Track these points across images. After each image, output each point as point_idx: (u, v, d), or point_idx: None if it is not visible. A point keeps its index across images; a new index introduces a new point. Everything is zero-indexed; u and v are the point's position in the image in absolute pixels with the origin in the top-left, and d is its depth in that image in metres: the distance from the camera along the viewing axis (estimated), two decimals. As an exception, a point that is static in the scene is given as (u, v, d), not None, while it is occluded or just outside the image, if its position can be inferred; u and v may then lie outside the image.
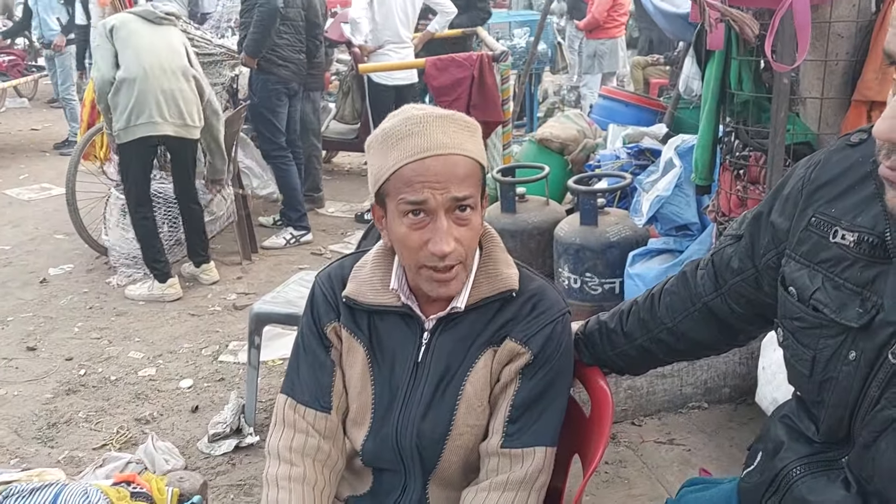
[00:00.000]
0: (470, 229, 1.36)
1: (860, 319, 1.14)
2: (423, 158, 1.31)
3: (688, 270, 1.54)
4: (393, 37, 5.67)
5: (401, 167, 1.31)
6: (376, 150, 1.37)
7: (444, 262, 1.34)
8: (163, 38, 4.37)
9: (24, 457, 3.04)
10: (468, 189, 1.33)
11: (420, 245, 1.33)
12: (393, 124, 1.35)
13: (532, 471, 1.42)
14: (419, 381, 1.46)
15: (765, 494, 1.30)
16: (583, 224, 3.54)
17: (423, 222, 1.33)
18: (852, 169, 1.21)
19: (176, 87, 4.35)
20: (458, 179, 1.31)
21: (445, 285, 1.37)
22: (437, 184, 1.30)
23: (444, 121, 1.35)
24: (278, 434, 1.51)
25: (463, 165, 1.33)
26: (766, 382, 2.64)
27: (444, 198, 1.31)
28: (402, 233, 1.35)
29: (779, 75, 2.60)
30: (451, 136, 1.33)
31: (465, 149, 1.34)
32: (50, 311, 4.47)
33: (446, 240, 1.31)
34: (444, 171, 1.31)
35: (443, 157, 1.31)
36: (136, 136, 4.30)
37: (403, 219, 1.34)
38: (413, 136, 1.32)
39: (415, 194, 1.31)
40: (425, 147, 1.31)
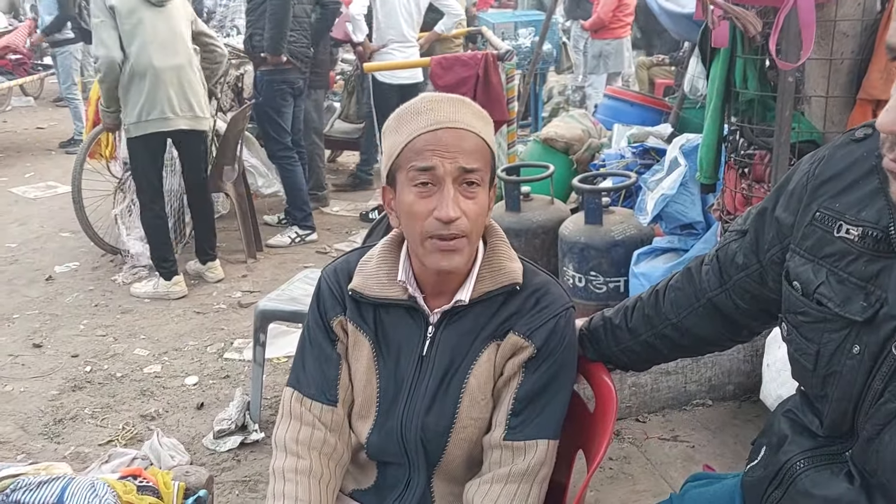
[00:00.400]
0: (476, 204, 1.37)
1: (864, 313, 1.15)
2: (435, 130, 1.35)
3: (692, 266, 1.54)
4: (397, 36, 5.68)
5: (413, 138, 1.36)
6: (391, 129, 1.41)
7: (448, 230, 1.35)
8: (167, 23, 4.32)
9: (31, 452, 3.05)
10: (476, 163, 1.36)
11: (426, 213, 1.35)
12: (408, 104, 1.41)
13: (535, 463, 1.42)
14: (424, 375, 1.47)
15: (768, 488, 1.31)
16: (587, 223, 3.55)
17: (430, 192, 1.35)
18: (857, 164, 1.22)
19: (185, 79, 4.38)
20: (467, 152, 1.35)
21: (449, 257, 1.37)
22: (447, 153, 1.34)
23: (458, 102, 1.40)
24: (285, 426, 1.52)
25: (473, 141, 1.37)
26: (770, 380, 2.65)
27: (452, 166, 1.34)
28: (409, 202, 1.37)
29: (784, 74, 2.60)
30: (463, 114, 1.38)
31: (476, 127, 1.38)
32: (56, 308, 4.49)
33: (452, 206, 1.34)
34: (455, 142, 1.35)
35: (454, 130, 1.35)
36: (149, 131, 4.32)
37: (412, 187, 1.36)
38: (427, 111, 1.37)
39: (424, 161, 1.34)
40: (438, 120, 1.36)
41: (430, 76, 4.37)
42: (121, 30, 4.20)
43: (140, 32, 4.24)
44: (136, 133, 4.32)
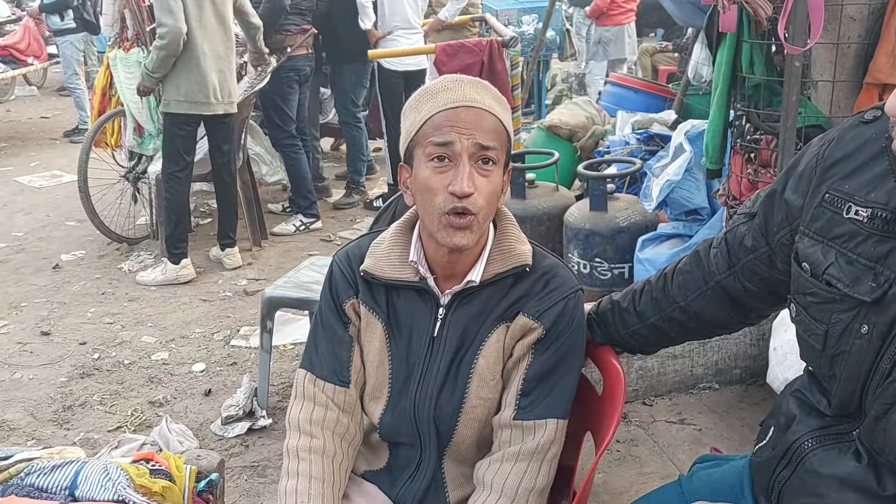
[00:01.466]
0: (490, 182, 1.39)
1: (873, 293, 1.16)
2: (455, 108, 1.38)
3: (701, 249, 1.55)
4: (402, 22, 5.67)
5: (433, 115, 1.38)
6: (412, 108, 1.44)
7: (462, 203, 1.36)
8: (221, 8, 4.44)
9: (41, 438, 3.08)
10: (493, 141, 1.39)
11: (442, 187, 1.37)
12: (430, 84, 1.46)
13: (544, 442, 1.44)
14: (436, 356, 1.49)
15: (777, 468, 1.32)
16: (592, 210, 3.55)
17: (447, 167, 1.38)
18: (866, 146, 1.22)
19: (228, 65, 4.50)
20: (484, 130, 1.38)
21: (461, 234, 1.39)
22: (465, 129, 1.36)
23: (479, 84, 1.44)
24: (298, 407, 1.54)
25: (491, 121, 1.39)
26: (777, 363, 2.66)
27: (469, 142, 1.36)
28: (425, 177, 1.39)
29: (790, 58, 2.60)
30: (483, 95, 1.41)
31: (494, 109, 1.41)
32: (63, 296, 4.51)
33: (468, 181, 1.36)
34: (473, 120, 1.37)
35: (473, 109, 1.38)
36: (192, 112, 4.42)
37: (429, 163, 1.39)
38: (447, 90, 1.40)
39: (442, 136, 1.37)
40: (457, 98, 1.39)
41: (435, 63, 4.36)
42: (185, 6, 4.25)
43: (199, 13, 4.32)
44: (177, 111, 4.41)
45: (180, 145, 4.51)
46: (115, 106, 5.11)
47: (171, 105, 4.41)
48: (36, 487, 1.73)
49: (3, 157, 7.83)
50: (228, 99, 4.54)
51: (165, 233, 4.66)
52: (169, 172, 4.55)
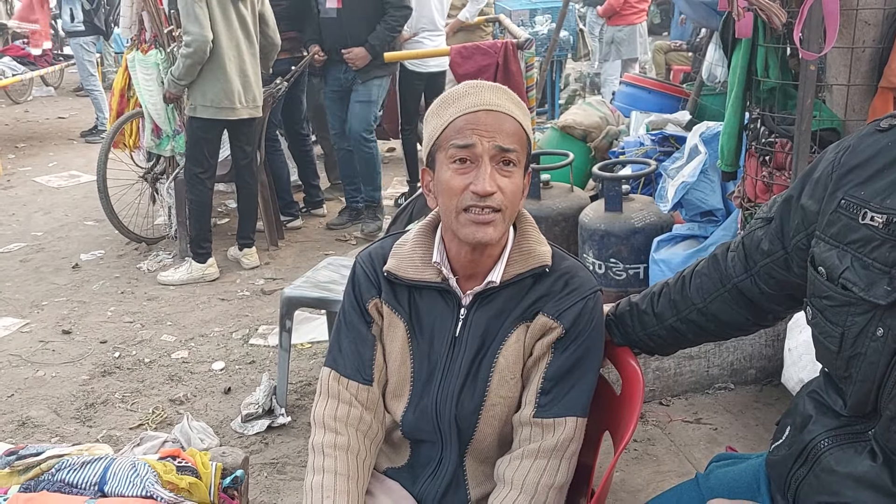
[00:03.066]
0: (511, 182, 1.43)
1: (888, 297, 1.18)
2: (476, 111, 1.42)
3: (718, 253, 1.58)
4: (428, 24, 5.70)
5: (455, 119, 1.43)
6: (433, 114, 1.48)
7: (484, 202, 1.40)
8: (246, 14, 4.50)
9: (64, 436, 3.13)
10: (514, 143, 1.42)
11: (463, 187, 1.41)
12: (451, 90, 1.49)
13: (563, 439, 1.47)
14: (457, 355, 1.52)
15: (793, 466, 1.35)
16: (607, 210, 3.58)
17: (469, 169, 1.42)
18: (881, 153, 1.25)
19: (252, 70, 4.56)
20: (505, 133, 1.42)
21: (483, 228, 1.43)
22: (486, 132, 1.41)
23: (499, 89, 1.48)
24: (323, 404, 1.58)
25: (511, 124, 1.44)
26: (792, 363, 2.68)
27: (490, 144, 1.40)
28: (447, 178, 1.43)
29: (805, 62, 2.62)
30: (503, 100, 1.46)
31: (515, 113, 1.45)
32: (83, 295, 4.57)
33: (489, 181, 1.40)
34: (494, 123, 1.42)
35: (494, 113, 1.43)
36: (218, 117, 4.48)
37: (451, 164, 1.43)
38: (469, 95, 1.45)
39: (464, 139, 1.41)
40: (478, 103, 1.43)
41: (450, 65, 4.38)
42: (211, 13, 4.30)
43: (226, 20, 4.38)
44: (203, 115, 4.47)
45: (205, 148, 4.57)
46: (133, 107, 5.16)
47: (197, 110, 4.46)
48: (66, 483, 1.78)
49: (22, 158, 7.91)
50: (254, 103, 4.60)
51: (191, 233, 4.71)
52: (193, 174, 4.61)
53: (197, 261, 4.68)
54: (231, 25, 4.42)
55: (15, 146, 8.35)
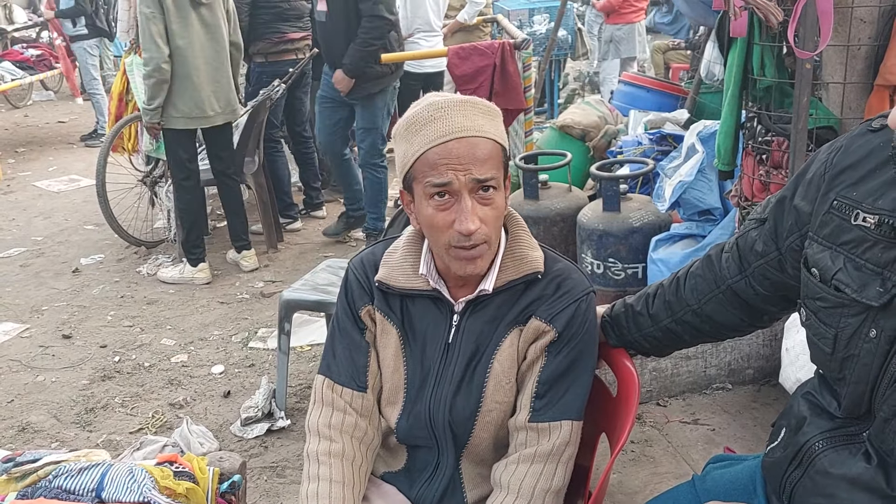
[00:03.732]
0: (493, 209, 1.42)
1: (881, 298, 1.18)
2: (446, 142, 1.37)
3: (713, 254, 1.58)
4: (423, 25, 5.70)
5: (425, 151, 1.39)
6: (402, 137, 1.44)
7: (470, 241, 1.39)
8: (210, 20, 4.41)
9: (64, 441, 3.13)
10: (490, 171, 1.39)
11: (447, 225, 1.40)
12: (416, 112, 1.42)
13: (559, 443, 1.47)
14: (450, 361, 1.52)
15: (788, 468, 1.34)
16: (605, 210, 3.57)
17: (448, 203, 1.39)
18: (873, 154, 1.25)
19: (223, 75, 4.51)
20: (479, 161, 1.38)
21: (473, 263, 1.43)
22: (460, 165, 1.37)
23: (465, 105, 1.41)
24: (317, 412, 1.58)
25: (484, 147, 1.39)
26: (789, 363, 2.68)
27: (466, 178, 1.37)
28: (428, 214, 1.41)
29: (801, 60, 2.62)
30: (471, 119, 1.40)
31: (485, 131, 1.40)
32: (83, 300, 4.57)
33: (471, 219, 1.38)
34: (467, 152, 1.37)
35: (465, 140, 1.38)
36: (190, 126, 4.47)
37: (430, 201, 1.40)
38: (436, 121, 1.39)
39: (439, 177, 1.37)
40: (448, 131, 1.38)
41: (448, 66, 4.39)
42: (168, 26, 4.23)
43: (187, 29, 4.30)
44: (175, 126, 4.44)
45: (183, 156, 4.56)
46: (131, 111, 5.16)
47: (170, 121, 4.43)
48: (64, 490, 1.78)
49: (22, 162, 7.92)
50: (228, 108, 4.57)
51: (180, 238, 4.74)
52: (177, 182, 4.63)
53: (190, 263, 4.72)
54: (193, 33, 4.32)
55: (15, 151, 8.36)
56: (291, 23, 5.31)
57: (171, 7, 4.22)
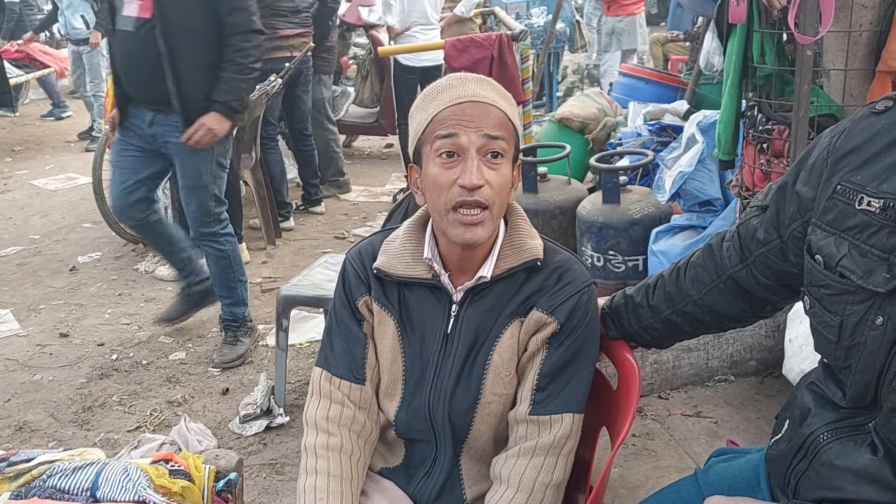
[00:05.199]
0: (499, 175, 1.40)
1: (887, 284, 1.15)
2: (460, 103, 1.39)
3: (713, 243, 1.55)
4: (420, 18, 5.68)
5: (439, 112, 1.40)
6: (418, 107, 1.45)
7: (472, 197, 1.37)
8: None
9: (62, 440, 3.11)
10: (500, 131, 1.39)
11: (451, 183, 1.38)
12: (435, 83, 1.45)
13: (560, 436, 1.45)
14: (449, 352, 1.50)
15: (793, 461, 1.32)
16: (605, 202, 3.55)
17: (455, 162, 1.38)
18: (877, 136, 1.22)
19: None
20: (490, 123, 1.39)
21: (472, 229, 1.40)
22: (471, 123, 1.37)
23: (483, 80, 1.44)
24: (315, 405, 1.56)
25: (497, 115, 1.40)
26: (793, 354, 2.65)
27: (476, 135, 1.37)
28: (434, 173, 1.40)
29: (802, 47, 2.59)
30: (488, 91, 1.42)
31: (500, 104, 1.41)
32: (80, 298, 4.55)
33: (476, 174, 1.37)
34: (479, 114, 1.38)
35: (479, 104, 1.39)
36: None
37: (436, 159, 1.39)
38: (452, 87, 1.41)
39: (448, 129, 1.38)
40: (462, 94, 1.40)
41: (445, 58, 4.37)
42: None
43: None
44: None
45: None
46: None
47: None
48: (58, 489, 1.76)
49: (19, 161, 7.89)
50: None
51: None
52: None
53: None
54: None
55: (11, 149, 8.34)
56: (286, 18, 5.24)
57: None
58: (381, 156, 7.49)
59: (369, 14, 6.71)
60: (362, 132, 7.35)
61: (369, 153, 7.64)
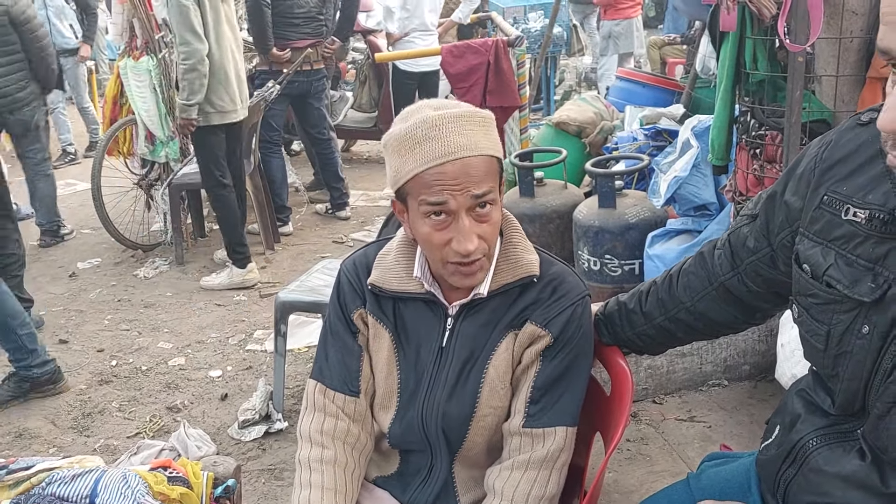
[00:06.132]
0: (491, 225, 1.40)
1: (872, 294, 1.17)
2: (442, 164, 1.33)
3: (705, 251, 1.57)
4: (419, 24, 5.70)
5: (419, 173, 1.35)
6: (393, 150, 1.39)
7: (469, 259, 1.38)
8: (229, 12, 4.43)
9: (62, 446, 3.13)
10: (487, 185, 1.36)
11: (444, 243, 1.38)
12: (409, 127, 1.36)
13: (553, 450, 1.46)
14: (444, 365, 1.51)
15: (782, 466, 1.33)
16: (601, 206, 3.57)
17: (445, 223, 1.37)
18: (862, 148, 1.24)
19: (243, 71, 4.51)
20: (476, 180, 1.35)
21: (471, 277, 1.42)
22: (457, 186, 1.34)
23: (459, 121, 1.36)
24: (309, 418, 1.57)
25: (480, 165, 1.36)
26: (785, 359, 2.67)
27: (463, 198, 1.34)
28: (425, 233, 1.39)
29: (793, 54, 2.61)
30: (467, 136, 1.35)
31: (481, 148, 1.36)
32: (80, 304, 4.56)
33: (469, 238, 1.36)
34: (463, 173, 1.34)
35: (460, 161, 1.34)
36: (225, 121, 4.41)
37: (426, 219, 1.38)
38: (430, 140, 1.34)
39: (435, 196, 1.34)
40: (443, 153, 1.33)
41: (442, 64, 4.39)
42: (204, 17, 4.20)
43: (218, 22, 4.29)
44: (211, 122, 4.38)
45: (219, 154, 4.51)
46: (126, 114, 5.16)
47: (207, 117, 4.35)
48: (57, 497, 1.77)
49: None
50: (246, 102, 4.58)
51: (225, 241, 4.69)
52: (213, 184, 4.54)
53: (237, 266, 4.65)
54: (223, 26, 4.34)
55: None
56: (299, 27, 5.23)
57: (209, 13, 4.21)
58: (379, 160, 7.50)
59: (367, 20, 6.74)
60: (360, 137, 7.37)
61: (367, 158, 7.66)
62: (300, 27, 5.23)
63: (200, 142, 4.47)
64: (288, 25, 5.16)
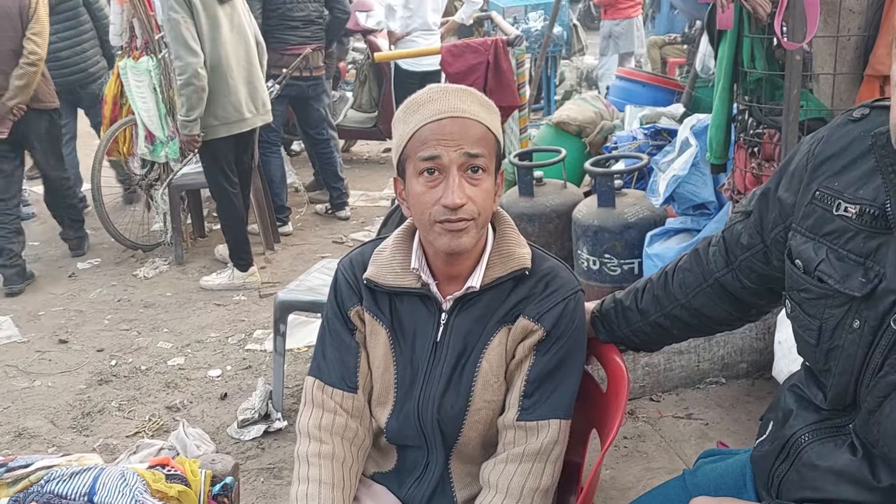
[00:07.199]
0: (481, 190, 1.42)
1: (863, 289, 1.18)
2: (440, 119, 1.40)
3: (700, 248, 1.58)
4: (422, 24, 5.71)
5: (419, 128, 1.41)
6: (400, 120, 1.46)
7: (456, 215, 1.39)
8: (235, 17, 4.29)
9: (61, 445, 3.13)
10: (481, 149, 1.41)
11: (434, 201, 1.40)
12: (416, 95, 1.46)
13: (547, 442, 1.47)
14: (438, 360, 1.52)
15: (775, 462, 1.34)
16: (601, 206, 3.57)
17: (437, 180, 1.40)
18: (854, 144, 1.25)
19: (254, 75, 4.39)
20: (471, 140, 1.40)
21: (458, 237, 1.42)
22: (451, 141, 1.39)
23: (463, 92, 1.45)
24: (308, 414, 1.58)
25: (477, 129, 1.41)
26: (782, 356, 2.67)
27: (456, 154, 1.39)
28: (417, 191, 1.42)
29: (791, 52, 2.61)
30: (468, 104, 1.43)
31: (480, 117, 1.43)
32: (80, 304, 4.57)
33: (458, 192, 1.38)
34: (459, 130, 1.39)
35: (459, 120, 1.40)
36: (231, 132, 4.32)
37: (419, 178, 1.41)
38: (433, 101, 1.42)
39: (429, 150, 1.39)
40: (442, 110, 1.41)
41: (441, 64, 4.38)
42: (198, 27, 4.07)
43: (216, 29, 4.15)
44: (215, 135, 4.27)
45: (225, 167, 4.44)
46: (125, 115, 5.17)
47: (211, 131, 4.25)
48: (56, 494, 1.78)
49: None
50: (264, 108, 4.48)
51: (229, 245, 4.67)
52: (219, 191, 4.49)
53: (239, 269, 4.65)
54: (223, 32, 4.19)
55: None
56: (298, 31, 5.21)
57: (200, 6, 4.05)
58: (379, 160, 7.51)
59: (367, 19, 6.74)
60: (360, 137, 7.38)
61: (367, 158, 7.67)
62: (299, 30, 5.24)
63: (207, 153, 4.40)
64: (287, 29, 5.17)
